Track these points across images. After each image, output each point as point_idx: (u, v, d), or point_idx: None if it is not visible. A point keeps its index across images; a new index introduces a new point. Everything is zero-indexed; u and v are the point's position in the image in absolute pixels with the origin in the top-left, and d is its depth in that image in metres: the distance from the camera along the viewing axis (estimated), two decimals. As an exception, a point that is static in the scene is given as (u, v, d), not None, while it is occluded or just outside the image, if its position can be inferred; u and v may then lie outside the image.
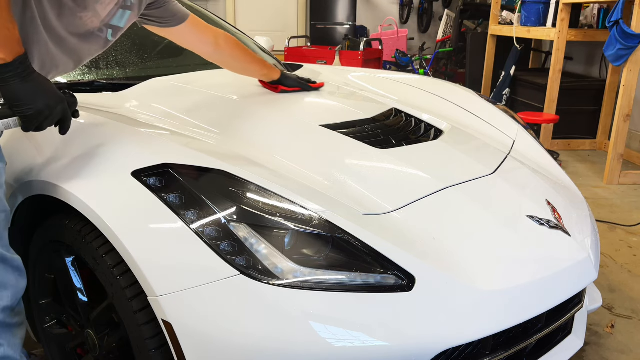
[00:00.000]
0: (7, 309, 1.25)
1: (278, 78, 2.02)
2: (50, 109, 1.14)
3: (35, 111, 1.12)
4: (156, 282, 1.17)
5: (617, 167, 3.80)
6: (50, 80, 1.19)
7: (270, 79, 2.02)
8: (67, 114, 1.21)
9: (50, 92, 1.15)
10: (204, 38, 1.77)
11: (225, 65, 1.94)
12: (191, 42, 1.78)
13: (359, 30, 7.16)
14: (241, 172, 1.31)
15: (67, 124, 1.23)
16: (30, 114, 1.12)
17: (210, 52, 1.83)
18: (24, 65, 1.10)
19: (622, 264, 2.60)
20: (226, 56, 1.87)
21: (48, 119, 1.16)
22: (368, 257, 1.23)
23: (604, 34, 4.26)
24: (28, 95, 1.10)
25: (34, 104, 1.12)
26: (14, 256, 1.27)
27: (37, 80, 1.13)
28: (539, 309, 1.34)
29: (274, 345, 1.14)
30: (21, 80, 1.09)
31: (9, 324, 1.26)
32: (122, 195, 1.28)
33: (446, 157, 1.71)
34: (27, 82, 1.10)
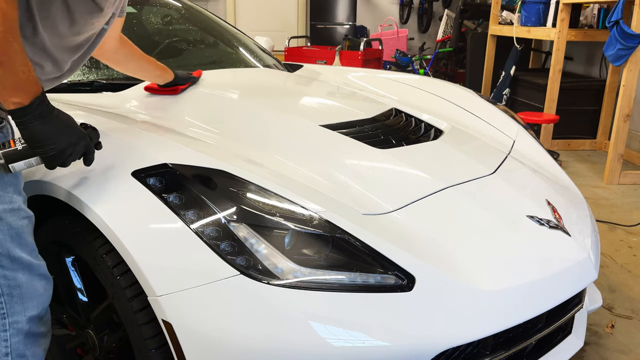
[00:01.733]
0: (34, 319, 1.23)
1: (173, 78, 1.88)
2: (72, 146, 1.13)
3: (57, 151, 1.11)
4: (156, 282, 1.17)
5: (617, 167, 3.80)
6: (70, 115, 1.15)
7: (165, 80, 1.88)
8: (90, 148, 1.19)
9: (72, 130, 1.13)
10: (116, 35, 1.67)
11: (119, 65, 1.79)
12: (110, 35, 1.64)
13: (359, 30, 7.16)
14: (241, 172, 1.32)
15: (91, 157, 1.21)
16: (52, 154, 1.11)
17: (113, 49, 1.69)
18: (42, 105, 1.07)
19: (622, 264, 2.60)
20: (122, 55, 1.75)
21: (71, 156, 1.14)
22: (368, 257, 1.23)
23: (604, 34, 4.26)
24: (49, 136, 1.08)
25: (56, 144, 1.10)
26: (40, 262, 1.25)
27: (57, 119, 1.10)
28: (539, 309, 1.34)
29: (274, 345, 1.14)
30: (41, 121, 1.07)
31: (35, 333, 1.24)
32: (122, 195, 1.28)
33: (446, 157, 1.71)
34: (47, 123, 1.08)
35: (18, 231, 1.19)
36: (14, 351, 1.21)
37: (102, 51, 1.67)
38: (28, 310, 1.22)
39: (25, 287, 1.21)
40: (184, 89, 1.92)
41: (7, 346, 1.20)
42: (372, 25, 7.70)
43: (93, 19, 1.27)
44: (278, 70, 2.58)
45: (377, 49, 6.22)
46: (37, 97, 1.06)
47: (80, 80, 1.92)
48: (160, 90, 1.88)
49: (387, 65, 6.89)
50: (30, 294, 1.22)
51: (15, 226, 1.18)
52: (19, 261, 1.19)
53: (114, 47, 1.69)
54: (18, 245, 1.19)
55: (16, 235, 1.19)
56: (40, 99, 1.07)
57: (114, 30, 1.63)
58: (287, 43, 6.06)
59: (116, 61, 1.76)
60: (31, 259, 1.22)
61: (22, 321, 1.21)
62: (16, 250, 1.19)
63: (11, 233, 1.18)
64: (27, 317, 1.22)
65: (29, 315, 1.22)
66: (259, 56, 2.66)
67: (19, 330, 1.21)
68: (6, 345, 1.20)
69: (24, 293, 1.21)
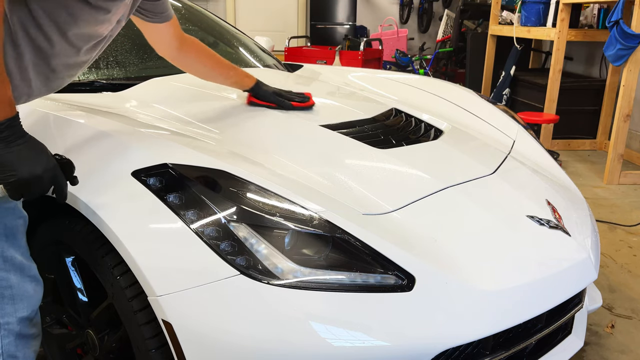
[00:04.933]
0: (25, 320, 1.23)
1: (251, 87, 1.85)
2: (36, 178, 1.04)
3: (17, 179, 1.02)
4: (156, 282, 1.17)
5: (617, 167, 3.80)
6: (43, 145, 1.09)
7: (242, 87, 1.86)
8: (59, 182, 1.10)
9: (38, 160, 1.05)
10: (172, 40, 1.70)
11: (188, 69, 1.82)
12: (159, 40, 1.70)
13: (359, 30, 7.16)
14: (241, 172, 1.31)
15: (62, 192, 1.12)
16: (12, 182, 1.03)
17: (174, 54, 1.74)
18: (12, 129, 1.01)
19: (622, 264, 2.60)
20: (188, 59, 1.77)
21: (34, 187, 1.06)
22: (368, 257, 1.23)
23: (604, 34, 4.26)
24: (11, 162, 1.01)
25: (16, 172, 1.02)
26: (31, 264, 1.24)
27: (25, 146, 1.03)
28: (539, 309, 1.34)
29: (274, 345, 1.14)
30: (5, 144, 1.00)
31: (25, 334, 1.24)
32: (122, 195, 1.28)
33: (446, 157, 1.71)
34: (12, 148, 1.01)
35: (13, 231, 1.19)
36: (5, 352, 1.21)
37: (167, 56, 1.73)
38: (19, 311, 1.21)
39: (17, 288, 1.20)
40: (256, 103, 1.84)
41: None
42: (372, 25, 7.70)
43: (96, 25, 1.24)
44: (278, 70, 2.58)
45: (377, 49, 6.22)
46: (7, 118, 1.00)
47: (80, 80, 1.92)
48: (259, 102, 1.84)
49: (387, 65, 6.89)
50: (21, 295, 1.21)
51: (10, 226, 1.18)
52: (11, 261, 1.19)
53: (174, 55, 1.73)
54: (12, 245, 1.19)
55: (11, 235, 1.18)
56: (11, 121, 1.01)
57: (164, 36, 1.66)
58: (287, 43, 6.07)
59: (182, 66, 1.79)
60: (23, 260, 1.22)
61: (13, 322, 1.21)
62: (10, 250, 1.18)
63: (6, 233, 1.17)
64: (18, 318, 1.21)
65: (20, 317, 1.22)
66: (259, 56, 2.66)
67: (10, 332, 1.21)
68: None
69: (15, 294, 1.20)
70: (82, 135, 1.44)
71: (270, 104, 1.82)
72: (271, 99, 1.84)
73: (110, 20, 1.27)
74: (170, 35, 1.68)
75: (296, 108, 1.83)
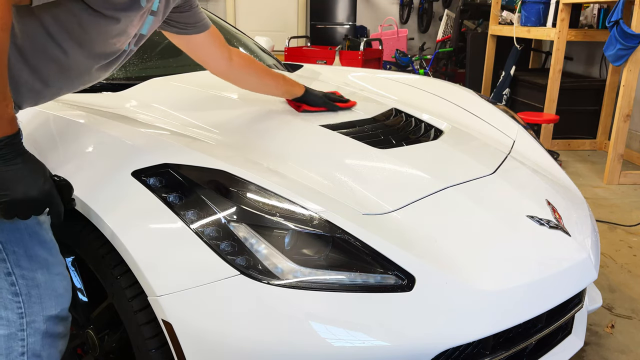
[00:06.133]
0: (52, 319, 1.21)
1: (301, 94, 1.85)
2: (30, 199, 1.01)
3: (10, 199, 1.00)
4: (156, 282, 1.17)
5: (617, 167, 3.80)
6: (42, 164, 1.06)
7: (293, 95, 1.86)
8: (55, 205, 1.07)
9: (34, 181, 1.02)
10: (219, 52, 1.65)
11: (240, 83, 1.81)
12: (206, 54, 1.65)
13: (359, 30, 7.16)
14: (241, 172, 1.31)
15: (58, 215, 1.09)
16: (4, 201, 1.00)
17: (224, 68, 1.71)
18: (11, 147, 0.99)
19: (622, 264, 2.60)
20: (240, 73, 1.75)
21: (28, 209, 1.03)
22: (368, 257, 1.23)
23: (604, 34, 4.26)
24: (6, 180, 0.99)
25: (10, 191, 0.99)
26: (59, 260, 1.21)
27: (23, 165, 1.00)
28: (539, 309, 1.34)
29: (274, 345, 1.14)
30: (2, 163, 0.98)
31: (52, 334, 1.22)
32: (122, 195, 1.28)
33: (446, 157, 1.71)
34: (9, 167, 0.98)
35: (34, 229, 1.16)
36: (29, 351, 1.20)
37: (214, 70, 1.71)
38: (46, 310, 1.20)
39: (44, 287, 1.19)
40: (308, 110, 1.85)
41: (24, 345, 1.19)
42: (372, 25, 7.70)
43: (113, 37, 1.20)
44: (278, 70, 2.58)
45: (377, 49, 6.22)
46: (7, 136, 0.98)
47: (80, 80, 1.91)
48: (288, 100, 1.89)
49: (387, 65, 6.89)
50: (49, 294, 1.20)
51: (31, 224, 1.16)
52: (36, 260, 1.17)
53: (223, 69, 1.71)
54: (37, 242, 1.17)
55: (33, 233, 1.16)
56: (11, 139, 0.99)
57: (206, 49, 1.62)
58: (287, 43, 6.07)
59: (233, 80, 1.78)
60: (49, 256, 1.19)
61: (39, 321, 1.20)
62: (35, 248, 1.16)
63: (28, 231, 1.16)
64: (45, 317, 1.20)
65: (47, 315, 1.20)
66: (259, 56, 2.66)
67: (36, 330, 1.20)
68: (23, 344, 1.19)
69: (42, 293, 1.19)
70: (82, 135, 1.45)
71: (321, 109, 1.86)
72: (320, 104, 1.86)
73: (127, 33, 1.23)
74: (213, 46, 1.63)
75: (342, 109, 1.90)
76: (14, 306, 1.17)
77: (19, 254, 1.15)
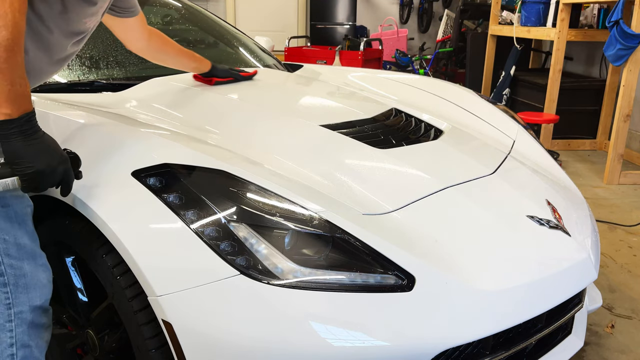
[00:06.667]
0: (38, 309, 1.24)
1: (209, 69, 2.03)
2: (51, 169, 1.10)
3: (35, 170, 1.08)
4: (156, 282, 1.17)
5: (617, 167, 3.80)
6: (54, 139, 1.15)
7: (201, 71, 2.03)
8: (69, 175, 1.16)
9: (54, 153, 1.12)
10: (141, 32, 1.79)
11: (157, 59, 1.94)
12: (131, 34, 1.78)
13: (359, 30, 7.16)
14: (241, 172, 1.31)
15: (69, 185, 1.17)
16: (29, 172, 1.08)
17: (143, 46, 1.84)
18: (30, 123, 1.07)
19: (622, 264, 2.60)
20: (157, 51, 1.89)
21: (48, 179, 1.11)
22: (368, 257, 1.23)
23: (604, 34, 4.26)
24: (29, 154, 1.07)
25: (34, 163, 1.08)
26: (42, 252, 1.26)
27: (42, 139, 1.10)
28: (539, 309, 1.34)
29: (274, 345, 1.14)
30: (24, 137, 1.07)
31: (37, 324, 1.25)
32: (122, 195, 1.28)
33: (446, 157, 1.71)
34: (30, 141, 1.07)
35: (24, 218, 1.21)
36: (18, 341, 1.21)
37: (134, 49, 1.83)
38: (32, 300, 1.22)
39: (30, 277, 1.21)
40: (220, 82, 2.05)
41: (12, 336, 1.21)
42: (372, 25, 7.70)
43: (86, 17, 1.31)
44: (278, 70, 2.58)
45: (377, 49, 6.21)
46: (26, 112, 1.06)
47: (80, 80, 1.92)
48: (197, 77, 2.05)
49: (387, 65, 6.89)
50: (34, 284, 1.22)
51: (21, 213, 1.20)
52: (24, 249, 1.20)
53: (142, 47, 1.83)
54: (25, 232, 1.21)
55: (22, 223, 1.20)
56: (29, 115, 1.07)
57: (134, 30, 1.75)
58: (287, 43, 6.06)
59: (149, 57, 1.91)
60: (35, 247, 1.23)
61: (26, 311, 1.22)
62: (23, 237, 1.20)
63: (18, 220, 1.19)
64: (31, 307, 1.22)
65: (33, 306, 1.22)
66: (259, 56, 2.66)
67: (23, 321, 1.22)
68: (11, 335, 1.21)
69: (28, 283, 1.21)
70: (82, 135, 1.45)
71: (229, 79, 2.09)
72: (228, 75, 2.10)
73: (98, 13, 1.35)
74: (139, 28, 1.76)
75: (245, 78, 2.16)
76: (2, 297, 1.19)
77: (9, 242, 1.18)
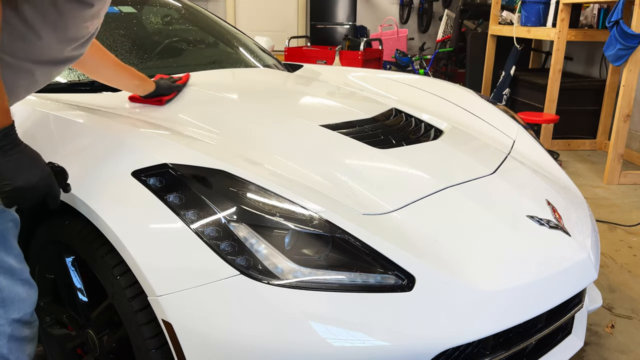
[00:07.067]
0: (16, 322, 1.22)
1: (155, 89, 1.76)
2: (31, 187, 1.06)
3: (13, 188, 1.04)
4: (156, 282, 1.17)
5: (617, 167, 3.80)
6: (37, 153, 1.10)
7: (145, 91, 1.76)
8: (53, 189, 1.11)
9: (34, 168, 1.07)
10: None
11: (94, 73, 1.68)
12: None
13: (359, 30, 7.16)
14: (241, 172, 1.31)
15: (55, 200, 1.13)
16: (7, 190, 1.04)
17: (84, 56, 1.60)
18: (8, 138, 1.03)
19: (622, 264, 2.60)
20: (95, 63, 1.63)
21: (28, 196, 1.07)
22: (368, 257, 1.23)
23: (604, 34, 4.26)
24: (8, 170, 1.03)
25: (12, 180, 1.03)
26: (24, 268, 1.23)
27: (21, 155, 1.05)
28: (539, 309, 1.34)
29: (274, 345, 1.14)
30: (2, 153, 1.02)
31: (17, 337, 1.23)
32: (122, 195, 1.28)
33: (446, 157, 1.71)
34: (9, 157, 1.03)
35: (3, 234, 1.18)
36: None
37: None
38: (9, 313, 1.21)
39: (7, 291, 1.20)
40: (170, 99, 1.81)
41: None
42: (372, 25, 7.70)
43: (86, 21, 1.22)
44: (278, 70, 2.58)
45: (377, 49, 6.21)
46: (5, 127, 1.02)
47: (80, 80, 1.92)
48: (144, 100, 1.77)
49: (387, 65, 6.89)
50: (11, 298, 1.20)
51: (1, 228, 1.17)
52: (1, 265, 1.18)
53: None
54: (3, 248, 1.18)
55: (2, 238, 1.18)
56: (7, 130, 1.03)
57: None
58: (287, 43, 6.06)
59: (87, 69, 1.66)
60: (14, 263, 1.20)
61: (4, 324, 1.21)
62: (1, 253, 1.18)
63: None
64: (9, 320, 1.21)
65: (11, 319, 1.21)
66: (259, 56, 2.66)
67: (2, 334, 1.20)
68: None
69: (5, 297, 1.19)
70: (82, 135, 1.45)
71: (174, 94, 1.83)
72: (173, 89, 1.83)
73: (99, 16, 1.25)
74: None
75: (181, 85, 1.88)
76: None
77: None
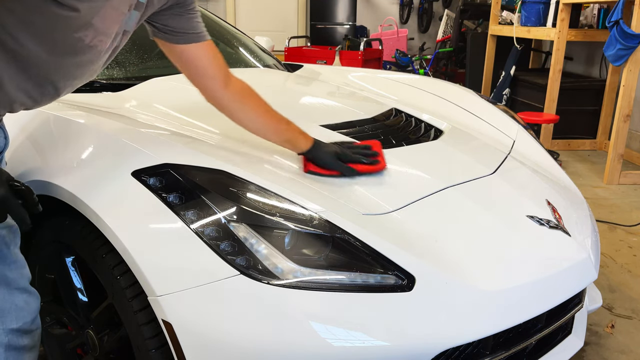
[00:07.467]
0: (14, 332, 1.20)
1: (308, 149, 1.45)
2: None
3: None
4: (156, 282, 1.17)
5: (617, 167, 3.80)
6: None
7: (296, 148, 1.47)
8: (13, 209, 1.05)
9: None
10: (213, 73, 1.38)
11: (234, 116, 1.46)
12: (198, 73, 1.38)
13: (359, 30, 7.16)
14: (241, 172, 1.31)
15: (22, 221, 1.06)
16: None
17: (218, 94, 1.42)
18: None
19: (622, 264, 2.60)
20: (235, 103, 1.44)
21: None
22: (368, 257, 1.23)
23: (604, 34, 4.26)
24: None
25: None
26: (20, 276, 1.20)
27: None
28: (539, 309, 1.34)
29: (274, 345, 1.14)
30: None
31: (16, 346, 1.21)
32: (122, 195, 1.28)
33: (446, 157, 1.71)
34: None
35: None
36: None
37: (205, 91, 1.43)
38: (7, 323, 1.19)
39: (3, 301, 1.18)
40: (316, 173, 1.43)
41: None
42: (372, 25, 7.70)
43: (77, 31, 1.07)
44: (278, 70, 2.58)
45: (377, 49, 6.22)
46: None
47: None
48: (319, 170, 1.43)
49: (387, 65, 6.89)
50: (7, 308, 1.18)
51: None
52: None
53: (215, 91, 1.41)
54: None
55: None
56: None
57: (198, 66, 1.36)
58: (287, 43, 6.06)
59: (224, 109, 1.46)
60: (8, 272, 1.18)
61: (1, 334, 1.19)
62: None
63: None
64: (7, 330, 1.19)
65: (9, 329, 1.19)
66: (259, 56, 2.66)
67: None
68: None
69: (1, 307, 1.18)
70: (82, 135, 1.44)
71: (332, 173, 1.43)
72: (331, 165, 1.43)
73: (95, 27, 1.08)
74: (207, 64, 1.36)
75: (360, 174, 1.45)
76: None
77: None
